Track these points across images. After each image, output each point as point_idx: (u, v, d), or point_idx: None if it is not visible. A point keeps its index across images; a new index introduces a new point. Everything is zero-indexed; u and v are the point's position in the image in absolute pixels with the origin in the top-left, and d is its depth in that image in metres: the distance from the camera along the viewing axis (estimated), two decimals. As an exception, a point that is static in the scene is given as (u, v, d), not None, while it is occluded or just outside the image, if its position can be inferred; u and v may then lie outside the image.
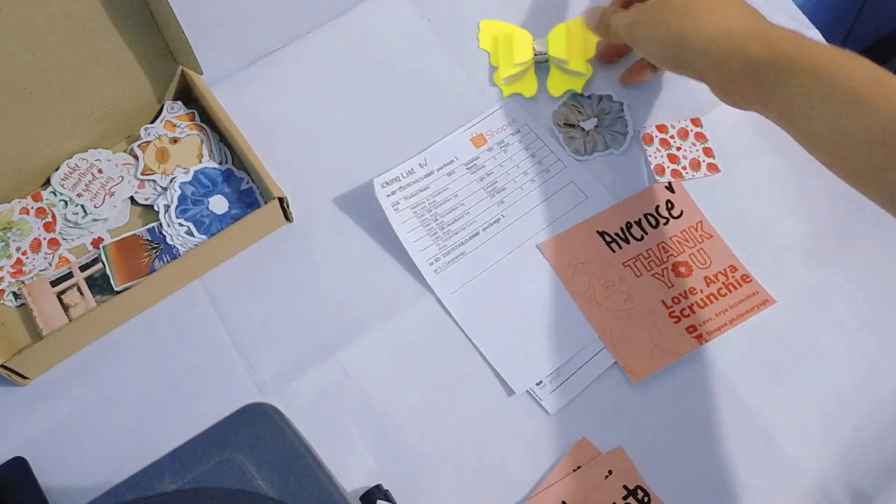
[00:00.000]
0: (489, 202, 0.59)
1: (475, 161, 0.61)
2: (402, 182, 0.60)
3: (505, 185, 0.60)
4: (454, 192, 0.60)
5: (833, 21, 1.13)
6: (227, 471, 0.40)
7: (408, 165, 0.61)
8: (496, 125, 0.62)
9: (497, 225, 0.59)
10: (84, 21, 0.54)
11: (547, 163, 0.61)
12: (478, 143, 0.61)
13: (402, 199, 0.59)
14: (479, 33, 0.67)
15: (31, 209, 0.60)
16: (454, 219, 0.59)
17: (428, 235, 0.58)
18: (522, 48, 0.64)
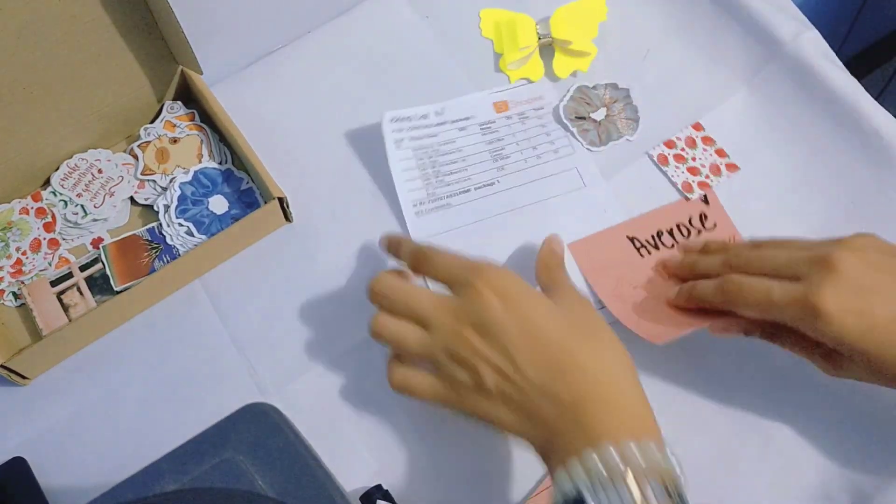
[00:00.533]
0: (489, 165, 0.60)
1: (490, 124, 0.62)
2: (412, 122, 0.60)
3: (511, 153, 0.61)
4: (460, 147, 0.61)
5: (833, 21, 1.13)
6: (227, 471, 0.40)
7: (423, 110, 0.61)
8: (523, 97, 0.63)
9: (489, 188, 0.59)
10: (84, 21, 0.54)
11: (558, 144, 0.61)
12: (499, 108, 0.62)
13: (407, 139, 0.60)
14: (481, 22, 0.67)
15: (31, 209, 0.60)
16: (451, 171, 0.60)
17: (420, 178, 0.59)
18: (526, 32, 0.65)
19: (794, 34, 0.63)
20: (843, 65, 0.63)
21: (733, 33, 0.65)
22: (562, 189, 0.60)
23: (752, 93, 0.63)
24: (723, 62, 0.64)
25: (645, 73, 0.65)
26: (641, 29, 0.67)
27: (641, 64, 0.65)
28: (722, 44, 0.65)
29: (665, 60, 0.65)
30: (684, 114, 0.63)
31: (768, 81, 0.63)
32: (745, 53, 0.64)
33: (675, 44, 0.65)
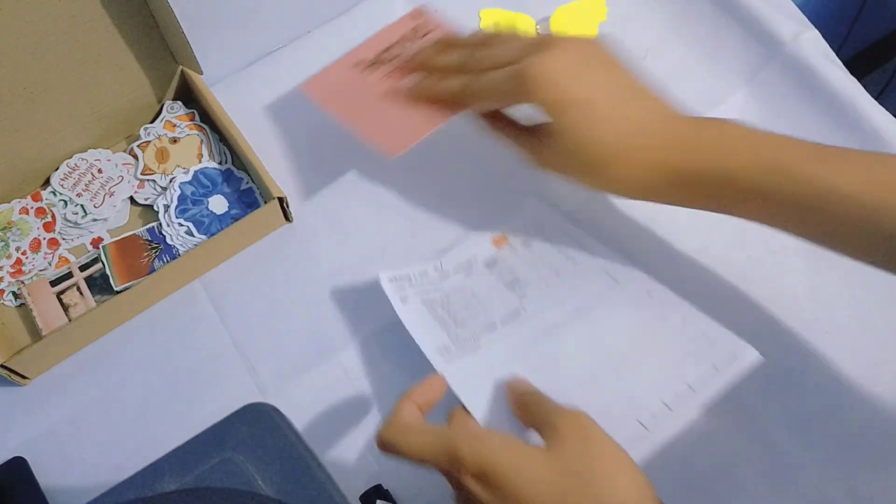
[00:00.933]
0: (508, 296, 0.54)
1: (495, 260, 0.56)
2: (413, 282, 0.55)
3: (527, 279, 0.55)
4: (471, 290, 0.55)
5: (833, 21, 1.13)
6: (227, 471, 0.40)
7: (420, 267, 0.56)
8: (520, 229, 0.58)
9: (516, 318, 0.53)
10: (84, 21, 0.54)
11: (573, 254, 0.55)
12: (499, 243, 0.57)
13: (412, 295, 0.54)
14: (481, 22, 0.68)
15: (31, 209, 0.60)
16: (470, 314, 0.53)
17: (439, 326, 0.53)
18: (526, 33, 0.65)
19: (794, 34, 0.63)
20: (843, 65, 0.63)
21: (733, 33, 0.65)
22: (595, 294, 0.53)
23: (752, 93, 0.63)
24: (723, 62, 0.64)
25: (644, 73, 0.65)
26: (641, 29, 0.67)
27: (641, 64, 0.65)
28: (722, 44, 0.65)
29: (665, 60, 0.65)
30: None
31: (768, 81, 0.63)
32: (745, 53, 0.64)
33: (675, 44, 0.65)
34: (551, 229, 0.57)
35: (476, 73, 0.52)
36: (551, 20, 0.65)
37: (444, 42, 0.58)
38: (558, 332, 0.52)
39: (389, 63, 0.60)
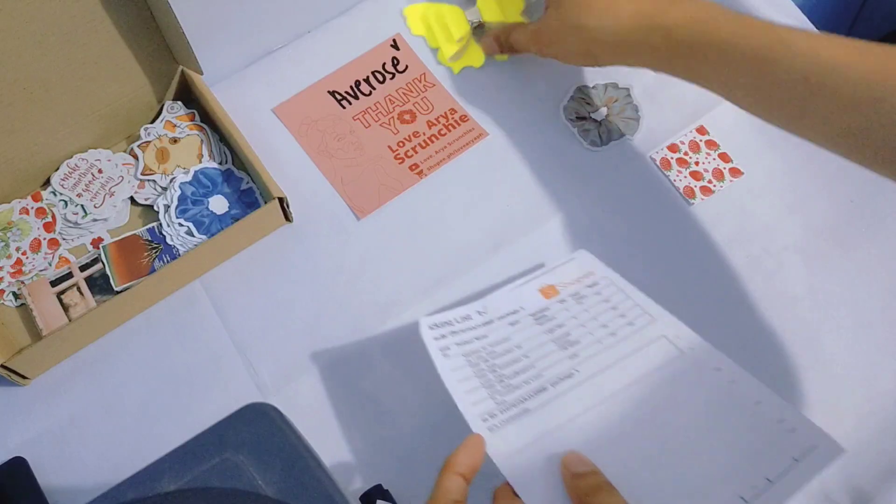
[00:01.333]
0: (560, 355, 0.49)
1: (544, 312, 0.52)
2: (454, 327, 0.50)
3: (580, 338, 0.50)
4: (517, 344, 0.50)
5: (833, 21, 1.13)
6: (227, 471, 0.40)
7: (464, 311, 0.51)
8: (570, 277, 0.54)
9: (569, 381, 0.47)
10: (84, 21, 0.54)
11: (631, 316, 0.51)
12: (548, 293, 0.53)
13: (454, 345, 0.49)
14: (407, 21, 0.68)
15: (31, 209, 0.60)
16: (516, 371, 0.48)
17: (483, 387, 0.48)
18: (457, 22, 0.66)
19: (794, 34, 0.63)
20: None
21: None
22: (656, 363, 0.48)
23: (752, 93, 0.63)
24: (723, 62, 0.64)
25: (645, 74, 0.65)
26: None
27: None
28: (722, 44, 0.65)
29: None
30: (684, 114, 0.63)
31: (768, 81, 0.63)
32: (745, 53, 0.64)
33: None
34: (604, 283, 0.53)
35: None
36: (479, 4, 0.66)
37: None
38: (617, 402, 0.46)
39: (364, 98, 0.64)
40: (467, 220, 0.60)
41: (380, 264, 0.59)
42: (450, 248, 0.59)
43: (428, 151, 0.62)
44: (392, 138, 0.63)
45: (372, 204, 0.61)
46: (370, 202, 0.61)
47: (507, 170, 0.62)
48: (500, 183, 0.61)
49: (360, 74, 0.65)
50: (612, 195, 0.61)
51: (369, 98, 0.64)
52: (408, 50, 0.66)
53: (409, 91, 0.65)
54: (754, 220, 0.60)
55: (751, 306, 0.57)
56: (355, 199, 0.61)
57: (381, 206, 0.61)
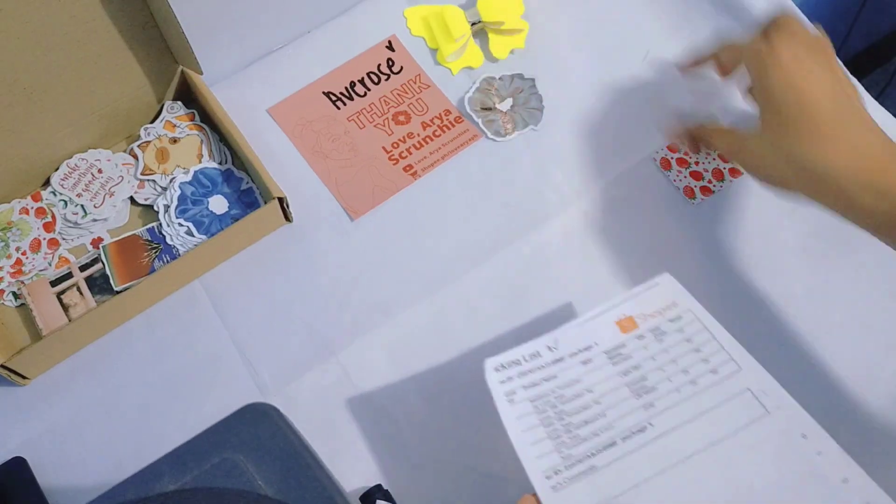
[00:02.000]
0: (633, 404, 0.46)
1: (620, 349, 0.48)
2: (522, 367, 0.47)
3: (656, 384, 0.46)
4: (588, 387, 0.46)
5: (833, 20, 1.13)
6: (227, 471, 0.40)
7: (532, 347, 0.48)
8: (652, 307, 0.49)
9: (641, 436, 0.44)
10: (84, 21, 0.54)
11: (715, 361, 0.46)
12: (626, 327, 0.49)
13: (520, 389, 0.46)
14: (408, 22, 0.68)
15: (31, 209, 0.60)
16: (585, 420, 0.45)
17: (549, 438, 0.45)
18: (456, 22, 0.65)
19: (794, 34, 0.63)
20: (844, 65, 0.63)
21: (733, 33, 0.64)
22: (737, 423, 0.44)
23: (752, 93, 0.63)
24: (723, 62, 0.64)
25: (644, 73, 0.65)
26: (640, 29, 0.66)
27: (639, 63, 0.65)
28: (722, 44, 0.65)
29: (664, 60, 0.65)
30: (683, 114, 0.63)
31: (768, 81, 0.63)
32: (745, 53, 0.64)
33: (674, 44, 0.65)
34: (687, 318, 0.48)
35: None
36: (479, 5, 0.66)
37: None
38: (691, 467, 0.43)
39: (359, 99, 0.64)
40: (463, 221, 0.60)
41: (377, 264, 0.59)
42: (447, 248, 0.59)
43: (422, 152, 0.62)
44: (386, 139, 0.63)
45: (366, 205, 0.61)
46: (364, 203, 0.61)
47: (503, 171, 0.62)
48: (495, 184, 0.61)
49: (355, 75, 0.65)
50: (612, 195, 0.61)
51: (364, 99, 0.64)
52: (403, 51, 0.66)
53: (404, 92, 0.65)
54: (754, 220, 0.60)
55: (751, 306, 0.57)
56: (349, 199, 0.61)
57: (375, 207, 0.61)
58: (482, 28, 0.66)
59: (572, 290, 0.58)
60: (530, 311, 0.58)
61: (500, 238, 0.60)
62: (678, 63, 0.60)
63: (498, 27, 0.65)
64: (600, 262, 0.59)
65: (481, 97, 0.64)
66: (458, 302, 0.58)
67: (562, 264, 0.59)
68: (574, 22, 0.67)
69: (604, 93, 0.64)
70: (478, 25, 0.66)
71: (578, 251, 0.59)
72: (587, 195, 0.61)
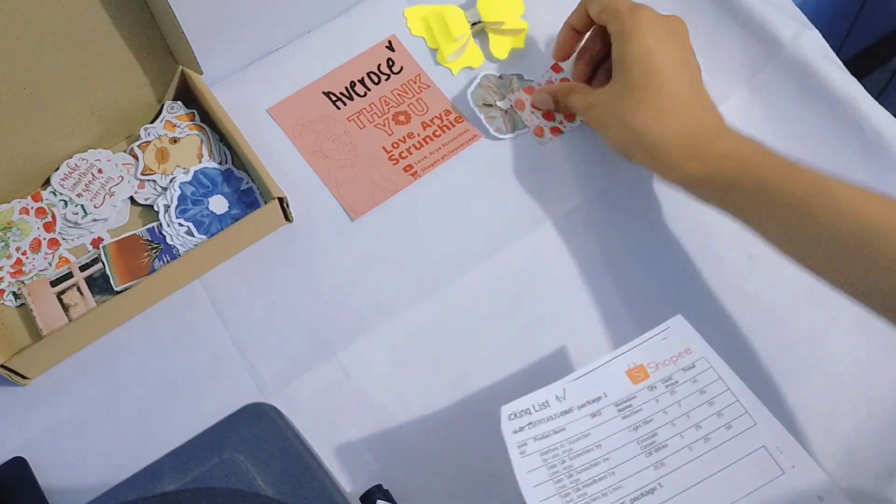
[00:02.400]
0: (643, 462, 0.44)
1: (630, 402, 0.46)
2: (532, 416, 0.46)
3: (667, 440, 0.44)
4: (597, 441, 0.45)
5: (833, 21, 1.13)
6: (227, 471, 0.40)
7: (541, 396, 0.47)
8: (664, 354, 0.47)
9: (650, 497, 0.43)
10: (84, 21, 0.54)
11: (729, 415, 0.45)
12: (636, 377, 0.47)
13: (531, 440, 0.45)
14: (408, 22, 0.68)
15: (31, 209, 0.60)
16: (594, 478, 0.44)
17: (558, 496, 0.43)
18: (456, 22, 0.65)
19: (794, 34, 0.63)
20: (843, 65, 0.63)
21: (733, 33, 0.65)
22: (752, 483, 0.43)
23: (752, 93, 0.63)
24: (723, 62, 0.64)
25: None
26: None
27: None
28: (722, 44, 0.65)
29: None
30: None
31: (768, 81, 0.63)
32: (745, 53, 0.64)
33: (675, 44, 0.65)
34: (700, 366, 0.47)
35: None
36: (479, 4, 0.66)
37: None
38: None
39: (359, 99, 0.64)
40: (463, 221, 0.60)
41: (377, 264, 0.59)
42: (447, 248, 0.59)
43: (422, 152, 0.62)
44: (386, 139, 0.63)
45: (366, 205, 0.61)
46: (364, 203, 0.61)
47: (503, 171, 0.62)
48: (495, 184, 0.61)
49: (355, 75, 0.65)
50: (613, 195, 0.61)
51: (364, 99, 0.64)
52: (403, 51, 0.66)
53: (404, 92, 0.65)
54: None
55: (751, 306, 0.57)
56: (349, 199, 0.61)
57: (375, 207, 0.60)
58: (482, 28, 0.66)
59: (572, 290, 0.58)
60: (531, 310, 0.58)
61: (500, 238, 0.60)
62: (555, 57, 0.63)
63: (498, 27, 0.65)
64: (600, 261, 0.59)
65: (483, 93, 0.64)
66: (457, 302, 0.58)
67: (562, 264, 0.59)
68: (574, 22, 0.67)
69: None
70: (478, 25, 0.66)
71: (578, 251, 0.59)
72: (587, 195, 0.61)
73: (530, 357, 0.56)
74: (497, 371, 0.56)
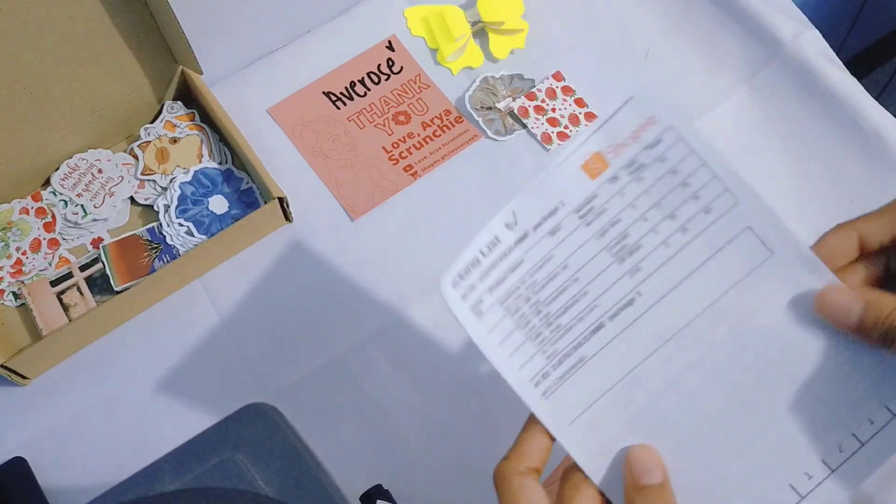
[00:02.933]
0: (616, 271, 0.37)
1: (591, 203, 0.38)
2: (482, 265, 0.38)
3: (640, 240, 0.37)
4: (562, 263, 0.38)
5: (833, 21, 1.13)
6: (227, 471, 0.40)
7: (487, 234, 0.39)
8: (624, 131, 0.38)
9: (630, 310, 0.37)
10: (84, 21, 0.54)
11: (707, 197, 0.37)
12: (594, 170, 0.38)
13: (486, 294, 0.38)
14: (408, 22, 0.68)
15: (31, 209, 0.60)
16: (564, 306, 0.37)
17: (528, 340, 0.38)
18: (456, 22, 0.66)
19: (794, 34, 0.63)
20: (843, 65, 0.63)
21: (733, 33, 0.65)
22: (739, 271, 0.36)
23: (751, 93, 0.63)
24: (723, 62, 0.64)
25: (645, 74, 0.65)
26: (640, 29, 0.67)
27: (640, 63, 0.65)
28: (722, 44, 0.65)
29: (665, 60, 0.65)
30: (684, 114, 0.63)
31: (768, 81, 0.63)
32: (745, 53, 0.64)
33: (674, 44, 0.65)
34: (669, 139, 0.37)
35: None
36: (479, 5, 0.66)
37: None
38: (686, 341, 0.37)
39: (359, 99, 0.64)
40: (463, 221, 0.60)
41: (377, 264, 0.59)
42: (447, 248, 0.59)
43: (422, 152, 0.62)
44: (386, 139, 0.63)
45: (366, 205, 0.61)
46: (364, 203, 0.61)
47: (503, 171, 0.62)
48: (495, 184, 0.61)
49: (355, 75, 0.65)
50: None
51: (364, 99, 0.64)
52: (403, 51, 0.66)
53: (404, 92, 0.65)
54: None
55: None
56: (349, 199, 0.61)
57: (375, 207, 0.61)
58: (482, 28, 0.66)
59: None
60: (530, 311, 0.57)
61: (500, 238, 0.60)
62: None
63: (498, 27, 0.65)
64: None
65: (481, 96, 0.64)
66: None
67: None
68: (574, 22, 0.67)
69: (604, 93, 0.64)
70: (478, 25, 0.66)
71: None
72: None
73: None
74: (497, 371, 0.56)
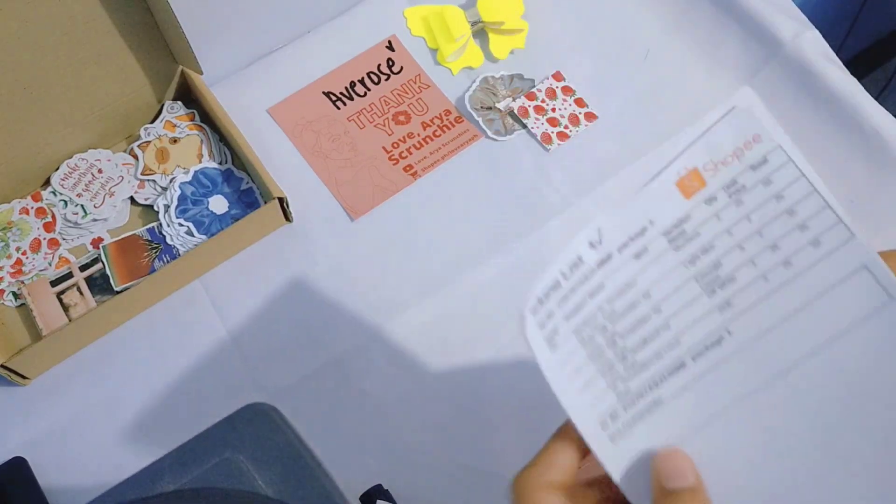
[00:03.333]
0: (705, 304, 0.32)
1: (683, 225, 0.33)
2: (563, 288, 0.34)
3: (735, 271, 0.32)
4: (645, 290, 0.33)
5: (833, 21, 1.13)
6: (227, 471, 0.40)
7: (570, 253, 0.34)
8: (727, 148, 0.32)
9: (717, 350, 0.32)
10: (84, 21, 0.54)
11: (816, 227, 0.32)
12: (689, 188, 0.33)
13: (562, 322, 0.34)
14: (408, 22, 0.68)
15: (31, 209, 0.60)
16: (643, 339, 0.33)
17: (600, 376, 0.33)
18: (456, 22, 0.66)
19: (794, 34, 0.63)
20: (843, 65, 0.63)
21: (733, 33, 0.65)
22: (851, 316, 0.31)
23: (752, 93, 0.63)
24: (723, 62, 0.64)
25: (645, 74, 0.65)
26: (640, 29, 0.67)
27: (640, 63, 0.65)
28: (722, 44, 0.65)
29: (665, 60, 0.65)
30: (684, 114, 0.63)
31: (768, 81, 0.63)
32: (745, 53, 0.64)
33: (674, 44, 0.65)
34: (776, 159, 0.33)
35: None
36: (479, 5, 0.66)
37: None
38: (785, 390, 0.31)
39: (359, 99, 0.64)
40: (463, 221, 0.60)
41: (378, 264, 0.59)
42: (447, 248, 0.59)
43: (422, 152, 0.62)
44: (386, 139, 0.63)
45: (366, 205, 0.61)
46: (364, 203, 0.61)
47: (503, 171, 0.62)
48: (495, 184, 0.61)
49: (355, 75, 0.65)
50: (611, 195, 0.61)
51: (364, 99, 0.65)
52: (403, 51, 0.66)
53: (404, 92, 0.65)
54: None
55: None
56: (349, 199, 0.61)
57: (375, 207, 0.61)
58: (482, 28, 0.66)
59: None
60: (530, 311, 0.58)
61: (500, 238, 0.60)
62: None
63: (498, 27, 0.65)
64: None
65: (481, 96, 0.64)
66: (458, 302, 0.58)
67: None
68: (574, 22, 0.67)
69: (604, 93, 0.64)
70: (478, 25, 0.66)
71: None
72: (588, 195, 0.61)
73: (530, 356, 0.56)
74: (497, 371, 0.56)
